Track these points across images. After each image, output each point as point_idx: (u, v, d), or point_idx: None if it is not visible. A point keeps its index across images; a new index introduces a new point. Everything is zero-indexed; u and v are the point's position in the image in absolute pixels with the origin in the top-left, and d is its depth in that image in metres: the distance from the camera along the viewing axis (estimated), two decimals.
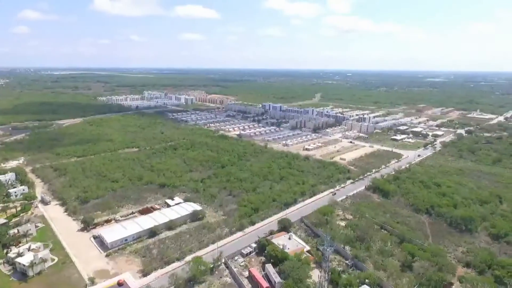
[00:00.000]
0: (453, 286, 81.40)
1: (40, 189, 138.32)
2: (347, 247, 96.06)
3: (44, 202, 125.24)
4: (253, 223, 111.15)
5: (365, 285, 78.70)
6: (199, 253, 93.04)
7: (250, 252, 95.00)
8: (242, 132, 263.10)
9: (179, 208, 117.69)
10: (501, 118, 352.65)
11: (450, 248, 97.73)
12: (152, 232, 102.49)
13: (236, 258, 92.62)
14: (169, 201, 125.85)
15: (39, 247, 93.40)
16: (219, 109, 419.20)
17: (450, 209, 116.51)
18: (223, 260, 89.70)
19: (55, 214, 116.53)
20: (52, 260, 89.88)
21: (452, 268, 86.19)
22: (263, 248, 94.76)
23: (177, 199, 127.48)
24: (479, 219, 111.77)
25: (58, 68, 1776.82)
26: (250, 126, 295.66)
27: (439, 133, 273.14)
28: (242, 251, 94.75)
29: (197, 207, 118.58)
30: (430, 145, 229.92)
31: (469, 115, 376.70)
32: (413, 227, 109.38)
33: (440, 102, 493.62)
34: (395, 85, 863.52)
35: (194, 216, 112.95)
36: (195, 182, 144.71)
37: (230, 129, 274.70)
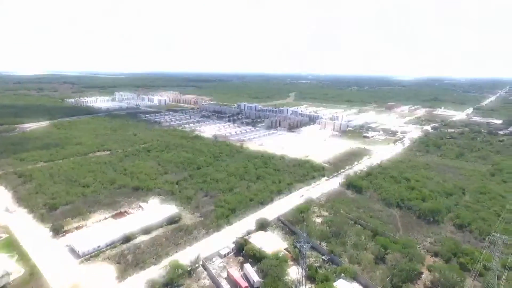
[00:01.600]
0: (423, 275, 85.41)
1: (3, 197, 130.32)
2: (323, 243, 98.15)
3: (8, 211, 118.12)
4: (230, 224, 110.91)
5: (341, 279, 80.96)
6: (176, 256, 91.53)
7: (228, 253, 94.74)
8: (218, 132, 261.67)
9: (154, 211, 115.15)
10: (463, 115, 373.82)
11: (420, 239, 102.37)
12: (127, 238, 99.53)
13: (214, 259, 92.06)
14: (143, 205, 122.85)
15: (3, 259, 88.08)
16: (193, 109, 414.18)
17: (419, 202, 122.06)
18: (200, 262, 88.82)
19: (21, 223, 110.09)
20: (19, 272, 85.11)
21: (421, 258, 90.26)
22: (241, 248, 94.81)
23: (152, 202, 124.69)
24: (445, 210, 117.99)
25: (21, 69, 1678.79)
26: (226, 126, 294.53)
27: (408, 129, 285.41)
28: (220, 252, 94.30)
29: (173, 209, 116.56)
30: (399, 141, 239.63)
31: (434, 112, 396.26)
32: (385, 221, 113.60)
33: (408, 100, 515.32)
34: (365, 84, 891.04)
35: (170, 219, 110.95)
36: (171, 184, 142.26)
37: (205, 130, 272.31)
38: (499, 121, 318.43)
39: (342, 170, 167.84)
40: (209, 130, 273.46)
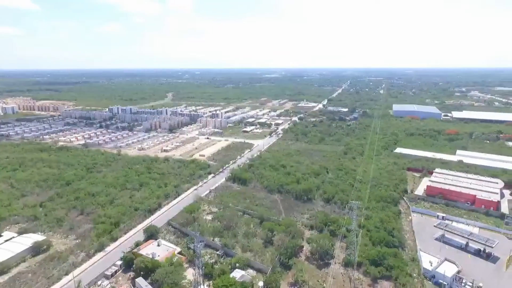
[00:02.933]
0: (304, 248, 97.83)
1: None
2: (216, 239, 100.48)
3: None
4: (115, 239, 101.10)
5: (236, 269, 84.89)
6: None
7: (116, 271, 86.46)
8: (88, 140, 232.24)
9: (11, 244, 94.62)
10: (320, 106, 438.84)
11: (298, 217, 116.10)
12: None
13: (99, 282, 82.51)
14: None
15: None
16: (54, 117, 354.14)
17: (295, 185, 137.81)
18: None
19: None
20: None
21: (301, 233, 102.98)
22: (130, 262, 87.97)
23: (7, 234, 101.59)
24: (315, 188, 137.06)
25: None
26: (98, 133, 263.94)
27: (279, 121, 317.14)
28: (106, 272, 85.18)
29: (38, 237, 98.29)
30: (274, 133, 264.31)
31: (299, 105, 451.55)
32: (269, 207, 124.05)
33: (277, 95, 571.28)
34: (239, 82, 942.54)
35: (36, 249, 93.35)
36: (32, 208, 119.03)
37: (72, 139, 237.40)
38: (345, 109, 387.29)
39: (226, 165, 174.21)
40: (77, 139, 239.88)
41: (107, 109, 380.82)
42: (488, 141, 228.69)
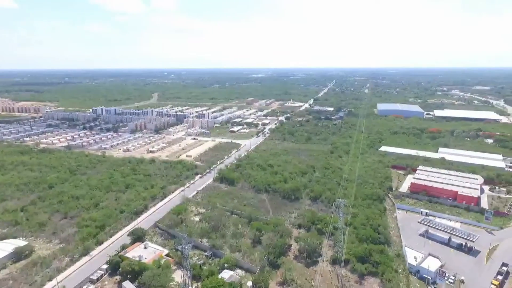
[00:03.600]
0: (292, 246, 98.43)
1: None
2: (204, 240, 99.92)
3: None
4: (100, 243, 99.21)
5: (225, 269, 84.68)
6: None
7: (102, 275, 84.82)
8: (72, 142, 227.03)
9: None
10: (306, 105, 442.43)
11: (286, 216, 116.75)
12: None
13: (84, 287, 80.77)
14: None
15: None
16: (35, 119, 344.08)
17: (282, 184, 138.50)
18: None
19: None
20: None
21: (289, 232, 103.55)
22: (116, 266, 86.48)
23: None
24: (302, 187, 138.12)
25: None
26: (81, 134, 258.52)
27: (266, 121, 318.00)
28: (91, 277, 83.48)
29: (19, 242, 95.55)
30: (261, 132, 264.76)
31: (286, 104, 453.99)
32: (257, 206, 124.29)
33: (264, 95, 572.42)
34: (226, 81, 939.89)
35: (18, 255, 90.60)
36: (13, 213, 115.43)
37: (54, 141, 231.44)
38: (331, 109, 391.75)
39: (214, 166, 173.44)
40: (60, 141, 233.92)
41: (90, 110, 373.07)
42: (468, 139, 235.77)
